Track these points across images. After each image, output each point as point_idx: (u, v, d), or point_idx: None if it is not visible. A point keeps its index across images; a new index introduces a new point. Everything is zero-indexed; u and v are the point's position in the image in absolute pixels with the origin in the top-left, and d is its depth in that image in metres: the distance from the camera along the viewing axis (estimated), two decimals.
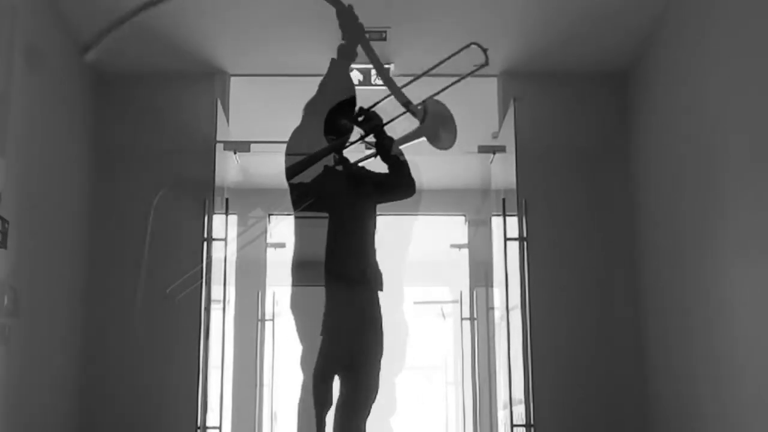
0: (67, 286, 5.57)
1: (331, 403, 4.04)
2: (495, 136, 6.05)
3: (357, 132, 4.27)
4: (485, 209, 6.90)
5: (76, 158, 5.71)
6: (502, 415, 5.94)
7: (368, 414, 4.10)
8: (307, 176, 4.13)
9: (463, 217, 8.18)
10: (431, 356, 10.93)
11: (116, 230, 5.96)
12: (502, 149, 5.76)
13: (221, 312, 5.58)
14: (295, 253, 4.21)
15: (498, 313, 6.10)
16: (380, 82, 5.72)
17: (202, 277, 5.23)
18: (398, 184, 4.25)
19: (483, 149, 6.21)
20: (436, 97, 4.27)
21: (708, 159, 4.70)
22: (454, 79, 4.42)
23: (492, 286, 6.68)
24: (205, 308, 5.26)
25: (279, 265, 8.02)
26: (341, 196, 4.16)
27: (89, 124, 5.89)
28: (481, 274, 7.60)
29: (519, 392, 5.16)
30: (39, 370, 5.02)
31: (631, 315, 5.82)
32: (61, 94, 5.44)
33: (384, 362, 4.14)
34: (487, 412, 7.30)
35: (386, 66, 5.75)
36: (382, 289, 4.16)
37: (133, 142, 6.05)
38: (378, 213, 4.31)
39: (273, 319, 7.92)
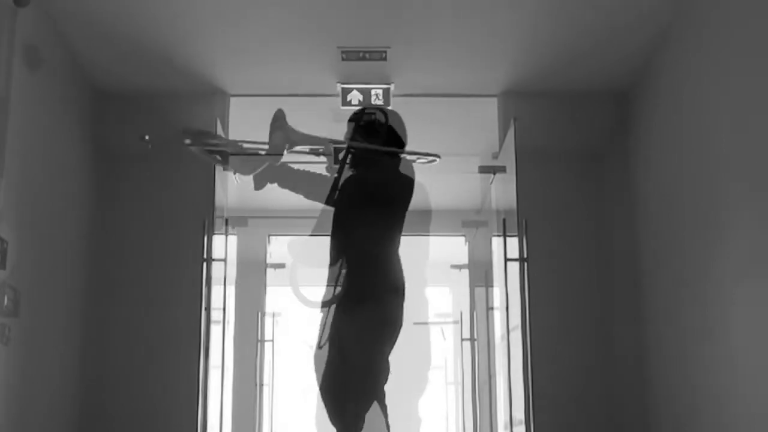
0: (68, 287, 5.58)
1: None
2: (495, 156, 6.05)
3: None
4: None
5: (75, 170, 5.74)
6: None
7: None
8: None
9: (463, 238, 8.17)
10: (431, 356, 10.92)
11: (117, 236, 6.00)
12: (502, 169, 5.75)
13: (221, 333, 5.57)
14: None
15: (498, 334, 6.08)
16: (381, 101, 5.78)
17: (201, 298, 5.23)
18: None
19: (483, 170, 6.21)
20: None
21: (709, 178, 4.70)
22: None
23: (492, 305, 6.67)
24: (205, 329, 5.25)
25: (278, 286, 8.05)
26: (334, 203, 4.17)
27: (89, 142, 5.90)
28: (481, 293, 7.60)
29: (519, 412, 5.13)
30: (39, 370, 5.02)
31: (633, 336, 5.80)
32: (61, 112, 5.45)
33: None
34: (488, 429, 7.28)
35: (386, 85, 5.79)
36: (360, 306, 4.08)
37: (132, 160, 6.07)
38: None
39: (273, 340, 7.92)
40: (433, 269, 8.87)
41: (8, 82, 4.47)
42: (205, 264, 5.28)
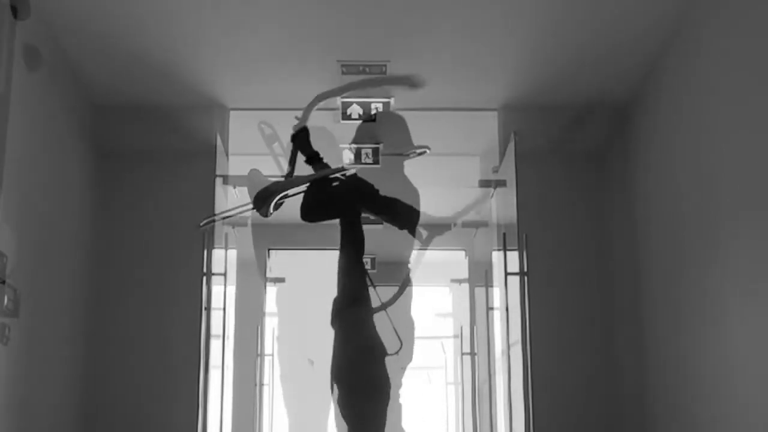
0: (68, 287, 5.58)
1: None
2: (495, 170, 6.05)
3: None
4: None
5: (76, 176, 5.75)
6: None
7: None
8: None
9: (463, 252, 8.15)
10: (432, 356, 10.89)
11: (117, 240, 6.04)
12: (502, 183, 5.75)
13: (221, 346, 5.57)
14: None
15: (499, 348, 6.07)
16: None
17: (201, 312, 5.23)
18: None
19: (483, 184, 6.21)
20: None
21: (710, 192, 4.69)
22: None
23: (492, 317, 6.66)
24: (205, 342, 5.24)
25: (278, 299, 8.03)
26: None
27: (89, 153, 5.91)
28: (481, 293, 7.59)
29: (520, 427, 5.12)
30: (39, 371, 5.02)
31: (633, 350, 5.79)
32: (61, 124, 5.45)
33: None
34: None
35: (387, 99, 5.79)
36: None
37: (132, 174, 6.07)
38: None
39: (272, 354, 7.92)
40: (432, 279, 8.88)
41: (7, 94, 4.47)
42: (204, 278, 5.29)
